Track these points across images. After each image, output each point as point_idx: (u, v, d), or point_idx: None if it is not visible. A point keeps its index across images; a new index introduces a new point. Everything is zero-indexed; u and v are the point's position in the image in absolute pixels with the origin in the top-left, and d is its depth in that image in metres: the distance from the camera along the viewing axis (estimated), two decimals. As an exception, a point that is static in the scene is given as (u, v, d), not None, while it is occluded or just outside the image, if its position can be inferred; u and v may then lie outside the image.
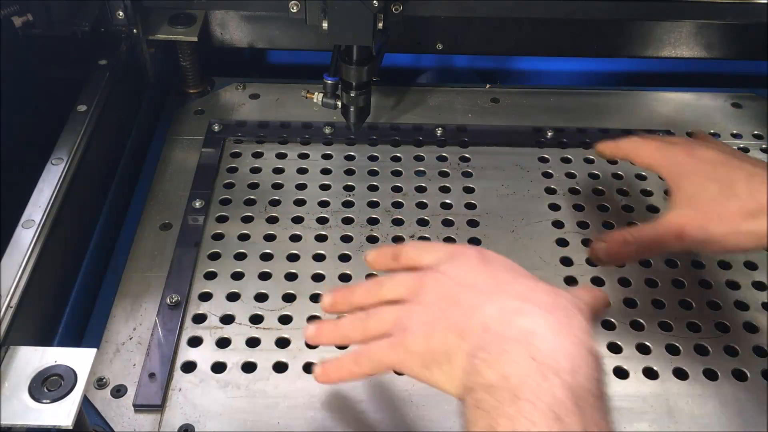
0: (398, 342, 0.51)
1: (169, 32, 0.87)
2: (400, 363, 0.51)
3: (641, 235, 0.64)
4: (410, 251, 0.56)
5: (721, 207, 0.61)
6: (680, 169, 0.65)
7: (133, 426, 0.61)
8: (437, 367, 0.49)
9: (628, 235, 0.64)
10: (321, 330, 0.56)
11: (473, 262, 0.53)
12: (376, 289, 0.55)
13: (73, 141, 0.73)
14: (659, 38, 0.93)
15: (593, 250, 0.66)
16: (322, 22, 0.73)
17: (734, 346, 0.68)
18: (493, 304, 0.49)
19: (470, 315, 0.49)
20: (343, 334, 0.55)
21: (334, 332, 0.56)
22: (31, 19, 0.78)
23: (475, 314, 0.48)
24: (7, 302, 0.59)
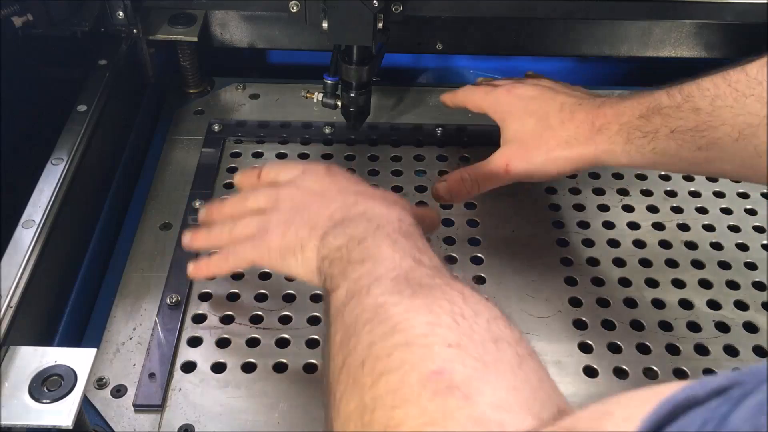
0: (260, 241, 0.59)
1: (169, 32, 0.87)
2: (260, 257, 0.60)
3: (475, 173, 0.72)
4: (270, 170, 0.65)
5: (538, 138, 0.68)
6: (503, 108, 0.72)
7: (133, 426, 0.61)
8: (292, 256, 0.57)
9: (464, 173, 0.72)
10: (195, 236, 0.65)
11: (321, 175, 0.62)
12: (241, 202, 0.64)
13: (73, 141, 0.73)
14: (659, 38, 0.93)
15: (435, 189, 0.74)
16: (322, 22, 0.73)
17: (734, 346, 0.68)
18: (336, 202, 0.58)
19: (318, 213, 0.57)
20: (214, 238, 0.64)
21: (206, 237, 0.64)
22: (31, 19, 0.78)
23: (322, 211, 0.57)
24: (7, 302, 0.59)
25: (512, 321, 0.45)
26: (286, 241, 0.58)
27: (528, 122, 0.69)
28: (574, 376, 0.65)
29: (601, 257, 0.75)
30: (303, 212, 0.59)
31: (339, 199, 0.58)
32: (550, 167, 0.68)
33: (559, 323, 0.69)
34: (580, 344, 0.68)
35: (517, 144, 0.70)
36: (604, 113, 0.66)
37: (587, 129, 0.66)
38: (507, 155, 0.70)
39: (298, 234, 0.57)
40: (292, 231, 0.58)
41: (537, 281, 0.73)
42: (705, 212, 0.80)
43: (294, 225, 0.58)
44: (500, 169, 0.70)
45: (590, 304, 0.71)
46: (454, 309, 0.43)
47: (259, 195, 0.63)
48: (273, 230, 0.59)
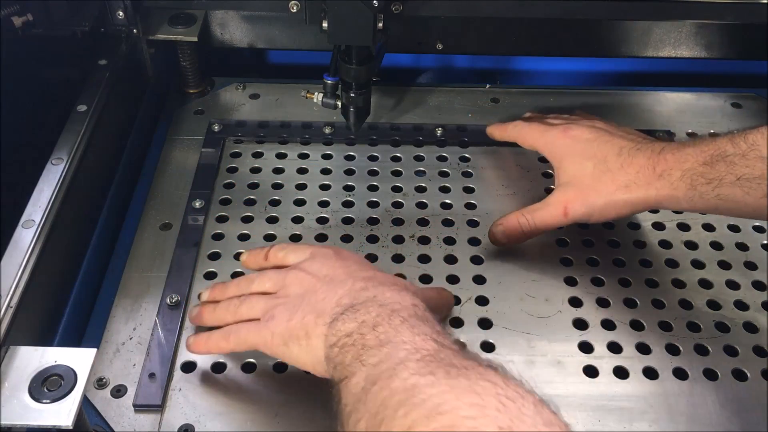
0: (264, 326, 0.59)
1: (169, 32, 0.87)
2: (263, 342, 0.59)
3: (533, 217, 0.71)
4: (277, 252, 0.65)
5: (597, 182, 0.68)
6: (560, 150, 0.72)
7: (133, 426, 0.61)
8: (295, 343, 0.57)
9: (522, 218, 0.72)
10: (201, 313, 0.65)
11: (330, 258, 0.62)
12: (246, 285, 0.64)
13: (73, 141, 0.73)
14: (659, 38, 0.93)
15: (492, 234, 0.74)
16: (322, 22, 0.73)
17: (734, 346, 0.68)
18: (344, 286, 0.57)
19: (326, 298, 0.57)
20: (218, 316, 0.63)
21: (211, 315, 0.64)
22: (31, 19, 0.78)
23: (329, 297, 0.57)
24: (7, 302, 0.59)
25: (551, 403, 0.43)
26: (291, 327, 0.57)
27: (586, 165, 0.69)
28: (574, 376, 0.65)
29: (601, 257, 0.75)
30: (310, 297, 0.58)
31: (347, 284, 0.57)
32: (609, 211, 0.68)
33: (559, 323, 0.69)
34: (580, 344, 0.68)
35: (575, 187, 0.70)
36: (665, 158, 0.66)
37: (648, 174, 0.66)
38: (565, 199, 0.70)
39: (304, 320, 0.56)
40: (297, 317, 0.57)
41: (537, 281, 0.73)
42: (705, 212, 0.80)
43: (300, 311, 0.57)
44: (558, 213, 0.70)
45: (590, 304, 0.71)
46: (497, 390, 0.41)
47: (265, 278, 0.63)
48: (278, 316, 0.58)
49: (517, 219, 0.72)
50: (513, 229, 0.72)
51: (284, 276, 0.61)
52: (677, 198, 0.65)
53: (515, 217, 0.72)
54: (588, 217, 0.70)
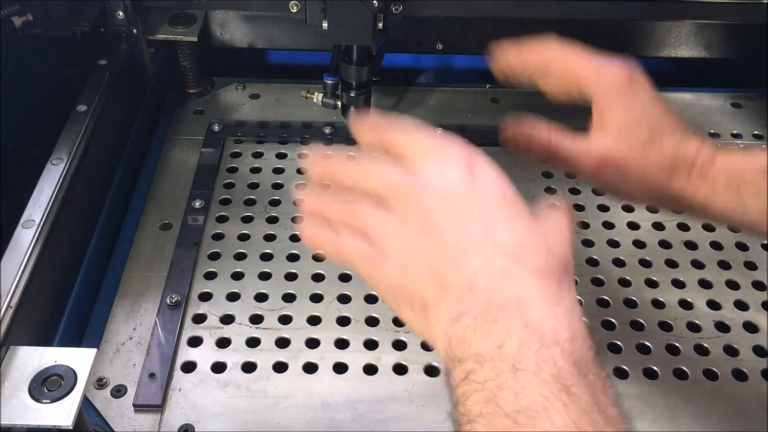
0: (374, 261, 0.47)
1: (169, 32, 0.87)
2: (372, 282, 0.48)
3: (562, 145, 0.58)
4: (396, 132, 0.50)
5: (645, 154, 0.57)
6: (617, 95, 0.57)
7: (133, 426, 0.61)
8: (408, 307, 0.47)
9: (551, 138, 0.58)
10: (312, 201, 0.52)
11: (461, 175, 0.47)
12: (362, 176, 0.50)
13: (73, 141, 0.73)
14: (659, 38, 0.93)
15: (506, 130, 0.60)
16: (322, 22, 0.73)
17: (734, 346, 0.68)
18: (479, 257, 0.44)
19: (452, 263, 0.44)
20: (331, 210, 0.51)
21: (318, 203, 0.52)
22: (31, 19, 0.78)
23: (458, 263, 0.44)
24: (7, 302, 0.59)
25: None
26: (404, 284, 0.46)
27: (643, 130, 0.56)
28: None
29: (601, 257, 0.75)
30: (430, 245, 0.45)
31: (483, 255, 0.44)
32: (639, 192, 0.58)
33: (559, 323, 0.69)
34: (580, 344, 0.68)
35: (620, 148, 0.56)
36: (712, 158, 0.56)
37: (695, 170, 0.56)
38: (604, 156, 0.57)
39: (420, 284, 0.45)
40: (415, 274, 0.45)
41: (537, 281, 0.73)
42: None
43: (418, 266, 0.45)
44: (588, 166, 0.57)
45: (590, 304, 0.71)
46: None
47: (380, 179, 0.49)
48: (390, 256, 0.46)
49: (544, 136, 0.59)
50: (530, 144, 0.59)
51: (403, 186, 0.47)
52: (715, 206, 0.56)
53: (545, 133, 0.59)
54: (613, 187, 0.58)
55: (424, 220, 0.46)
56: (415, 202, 0.46)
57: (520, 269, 0.43)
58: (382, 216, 0.48)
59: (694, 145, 0.57)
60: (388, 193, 0.48)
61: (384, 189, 0.48)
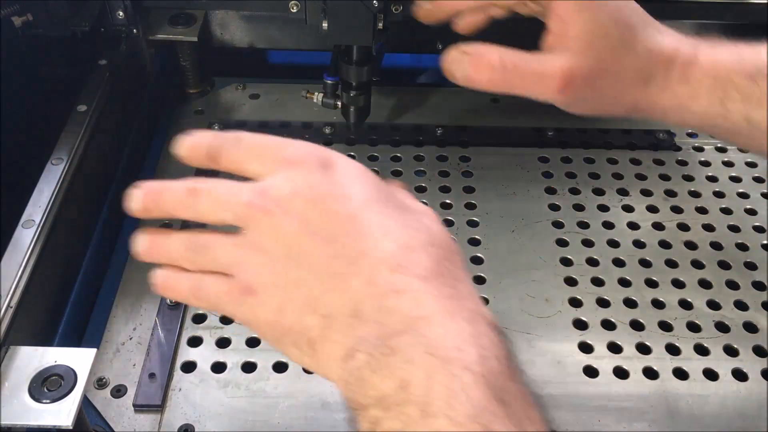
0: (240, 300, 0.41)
1: (169, 32, 0.87)
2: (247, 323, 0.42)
3: (519, 67, 0.51)
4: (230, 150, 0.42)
5: (618, 61, 0.50)
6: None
7: (133, 426, 0.61)
8: (294, 348, 0.40)
9: (506, 60, 0.51)
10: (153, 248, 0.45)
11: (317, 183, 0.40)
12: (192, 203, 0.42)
13: (73, 141, 0.73)
14: (659, 38, 0.93)
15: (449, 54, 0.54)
16: (322, 22, 0.73)
17: (734, 346, 0.68)
18: (360, 276, 0.38)
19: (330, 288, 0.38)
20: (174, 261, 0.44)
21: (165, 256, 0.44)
22: (31, 19, 0.78)
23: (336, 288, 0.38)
24: (7, 302, 0.59)
25: None
26: (285, 323, 0.40)
27: (612, 34, 0.49)
28: (574, 376, 0.65)
29: (601, 257, 0.75)
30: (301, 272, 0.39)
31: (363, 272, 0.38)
32: (611, 106, 0.52)
33: (559, 323, 0.69)
34: (580, 344, 0.68)
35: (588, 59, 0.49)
36: (696, 55, 0.50)
37: (674, 72, 0.50)
38: (570, 70, 0.49)
39: (300, 320, 0.39)
40: (292, 310, 0.39)
41: (537, 281, 0.73)
42: (705, 212, 0.80)
43: (293, 299, 0.39)
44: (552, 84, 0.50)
45: (590, 304, 0.71)
46: None
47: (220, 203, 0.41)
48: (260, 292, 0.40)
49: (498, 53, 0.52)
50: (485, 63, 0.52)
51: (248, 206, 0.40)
52: (693, 112, 0.51)
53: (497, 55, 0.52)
54: (582, 104, 0.52)
55: (285, 242, 0.39)
56: (268, 223, 0.40)
57: (409, 278, 0.38)
58: (235, 246, 0.41)
59: (672, 42, 0.50)
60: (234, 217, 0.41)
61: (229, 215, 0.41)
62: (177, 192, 0.43)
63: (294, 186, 0.40)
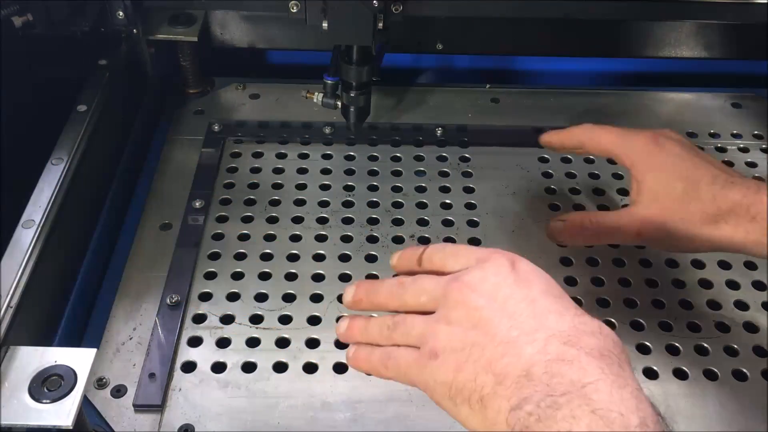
0: (424, 364, 0.47)
1: (169, 32, 0.87)
2: (425, 386, 0.47)
3: (601, 223, 0.64)
4: (434, 254, 0.51)
5: (683, 208, 0.61)
6: (645, 160, 0.63)
7: (133, 426, 0.61)
8: (465, 404, 0.45)
9: (587, 221, 0.64)
10: (352, 330, 0.53)
11: (504, 274, 0.47)
12: (399, 293, 0.51)
13: (73, 141, 0.73)
14: (659, 38, 0.93)
15: (551, 228, 0.66)
16: (322, 22, 0.73)
17: (734, 346, 0.68)
18: (533, 345, 0.43)
19: (506, 353, 0.43)
20: (372, 339, 0.52)
21: (364, 335, 0.52)
22: (31, 19, 0.78)
23: (512, 353, 0.43)
24: (7, 302, 0.59)
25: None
26: (459, 381, 0.45)
27: (675, 186, 0.61)
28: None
29: (601, 257, 0.75)
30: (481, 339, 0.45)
31: (538, 340, 0.43)
32: (687, 244, 0.62)
33: (559, 323, 0.69)
34: (580, 344, 0.68)
35: (656, 208, 0.62)
36: (761, 199, 0.58)
37: (741, 213, 0.59)
38: (642, 219, 0.62)
39: (477, 380, 0.44)
40: (468, 371, 0.44)
41: (537, 281, 0.73)
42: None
43: (471, 361, 0.45)
44: (632, 230, 0.63)
45: (590, 304, 0.71)
46: None
47: (421, 289, 0.49)
48: (442, 358, 0.46)
49: (581, 221, 0.65)
50: (575, 231, 0.65)
51: (444, 289, 0.48)
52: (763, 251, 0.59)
53: (580, 218, 0.66)
54: (661, 245, 0.64)
55: (471, 315, 0.46)
56: (459, 300, 0.47)
57: (578, 352, 0.42)
58: (427, 320, 0.48)
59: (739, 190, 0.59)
60: (431, 300, 0.48)
61: (427, 298, 0.49)
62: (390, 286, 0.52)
63: (485, 274, 0.47)
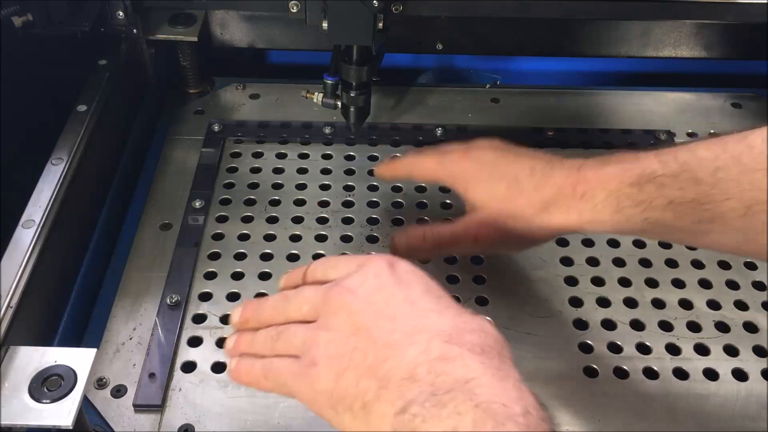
0: (304, 373, 0.46)
1: (169, 32, 0.87)
2: (305, 397, 0.47)
3: (439, 235, 0.65)
4: (317, 268, 0.52)
5: (511, 205, 0.61)
6: (463, 175, 0.65)
7: (133, 426, 0.61)
8: (348, 412, 0.44)
9: (427, 233, 0.65)
10: (239, 345, 0.53)
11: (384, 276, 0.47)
12: (283, 306, 0.51)
13: (73, 141, 0.73)
14: (659, 38, 0.93)
15: (393, 241, 0.66)
16: (322, 22, 0.73)
17: (734, 346, 0.68)
18: (416, 346, 0.43)
19: (389, 357, 0.43)
20: (256, 349, 0.51)
21: (250, 348, 0.52)
22: (31, 19, 0.78)
23: (394, 356, 0.43)
24: (7, 302, 0.59)
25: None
26: (342, 387, 0.44)
27: (497, 187, 0.62)
28: (574, 376, 0.65)
29: (601, 257, 0.75)
30: (362, 344, 0.44)
31: (420, 341, 0.43)
32: (526, 237, 0.62)
33: (559, 323, 0.69)
34: (580, 344, 0.68)
35: (486, 212, 0.62)
36: (585, 178, 0.58)
37: (568, 195, 0.58)
38: (476, 224, 0.62)
39: (359, 386, 0.43)
40: (349, 378, 0.44)
41: (537, 281, 0.73)
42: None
43: (352, 367, 0.44)
44: (469, 237, 0.63)
45: (590, 304, 0.71)
46: None
47: (301, 298, 0.50)
48: (321, 362, 0.45)
49: (422, 233, 0.66)
50: (416, 242, 0.66)
51: (324, 295, 0.48)
52: (602, 222, 0.58)
53: (421, 230, 0.66)
54: (503, 245, 0.64)
55: (351, 320, 0.45)
56: (339, 305, 0.46)
57: (461, 350, 0.43)
58: (308, 328, 0.48)
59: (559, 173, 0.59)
60: (313, 308, 0.48)
61: (309, 307, 0.49)
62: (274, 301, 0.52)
63: (364, 277, 0.47)
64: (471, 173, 0.64)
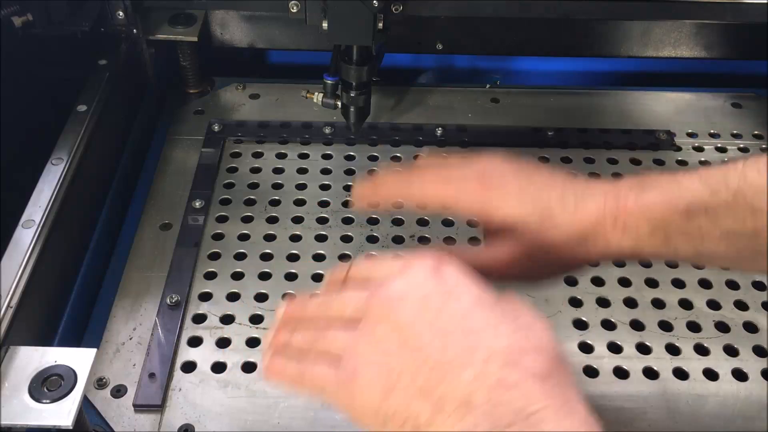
0: (344, 383, 0.43)
1: (169, 32, 0.87)
2: (342, 404, 0.44)
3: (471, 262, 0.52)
4: (359, 267, 0.48)
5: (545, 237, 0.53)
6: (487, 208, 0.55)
7: (133, 426, 0.61)
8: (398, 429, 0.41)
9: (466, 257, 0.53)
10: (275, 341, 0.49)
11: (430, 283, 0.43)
12: (325, 307, 0.48)
13: (73, 141, 0.73)
14: (659, 38, 0.93)
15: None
16: (322, 22, 0.73)
17: (734, 346, 0.68)
18: (471, 369, 0.39)
19: (442, 378, 0.40)
20: (296, 342, 0.48)
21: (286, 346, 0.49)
22: (31, 19, 0.78)
23: (448, 378, 0.40)
24: (7, 302, 0.59)
25: None
26: (390, 406, 0.41)
27: (529, 220, 0.53)
28: (574, 376, 0.65)
29: (601, 257, 0.75)
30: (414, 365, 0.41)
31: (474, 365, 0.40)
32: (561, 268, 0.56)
33: (559, 323, 0.69)
34: (580, 344, 0.68)
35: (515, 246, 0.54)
36: (625, 208, 0.51)
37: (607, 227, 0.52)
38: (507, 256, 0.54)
39: (412, 406, 0.40)
40: (399, 396, 0.40)
41: (537, 281, 0.73)
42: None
43: (402, 386, 0.41)
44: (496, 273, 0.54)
45: (590, 304, 0.71)
46: None
47: (344, 301, 0.46)
48: (365, 376, 0.42)
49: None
50: None
51: (367, 300, 0.44)
52: (645, 253, 0.53)
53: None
54: (530, 278, 0.57)
55: (398, 333, 0.42)
56: (383, 315, 0.43)
57: (520, 375, 0.39)
58: (347, 333, 0.44)
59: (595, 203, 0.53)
60: (354, 311, 0.45)
61: (351, 310, 0.45)
62: (316, 302, 0.48)
63: (408, 285, 0.43)
64: (496, 203, 0.54)
